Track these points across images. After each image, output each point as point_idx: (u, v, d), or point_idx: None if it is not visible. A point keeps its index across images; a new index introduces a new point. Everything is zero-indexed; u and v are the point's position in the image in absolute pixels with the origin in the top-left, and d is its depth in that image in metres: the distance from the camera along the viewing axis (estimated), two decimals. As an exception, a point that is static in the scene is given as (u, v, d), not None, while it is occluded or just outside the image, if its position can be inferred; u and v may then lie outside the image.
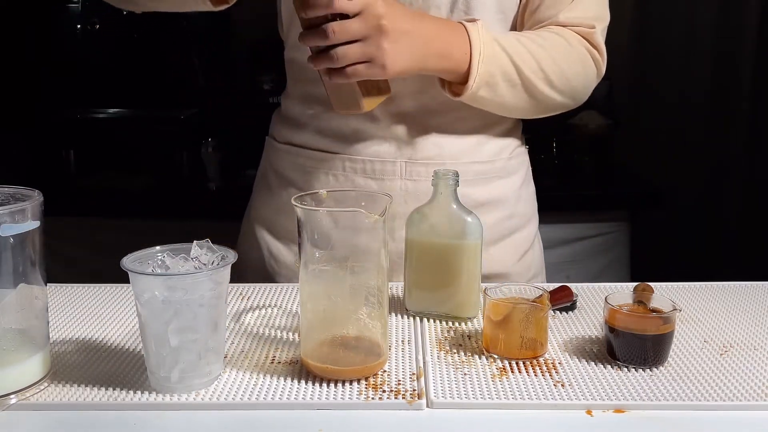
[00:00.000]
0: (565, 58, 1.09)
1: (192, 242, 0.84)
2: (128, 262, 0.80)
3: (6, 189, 0.80)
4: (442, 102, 1.10)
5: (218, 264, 0.81)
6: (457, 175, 0.97)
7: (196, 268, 0.81)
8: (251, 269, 1.22)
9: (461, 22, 1.04)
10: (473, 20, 1.05)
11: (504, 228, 1.19)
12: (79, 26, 2.71)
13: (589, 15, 1.12)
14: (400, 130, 1.11)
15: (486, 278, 1.13)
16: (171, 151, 2.60)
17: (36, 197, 0.79)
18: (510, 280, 1.18)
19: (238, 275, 1.18)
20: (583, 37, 1.12)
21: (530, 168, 1.27)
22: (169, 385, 0.80)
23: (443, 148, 1.12)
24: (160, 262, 0.83)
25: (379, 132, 1.11)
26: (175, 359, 0.79)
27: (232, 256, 0.82)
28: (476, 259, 0.98)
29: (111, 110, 2.72)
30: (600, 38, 1.13)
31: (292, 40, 1.14)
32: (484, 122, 1.15)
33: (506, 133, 1.19)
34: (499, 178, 1.18)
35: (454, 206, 0.97)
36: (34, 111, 2.68)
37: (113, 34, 2.71)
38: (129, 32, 2.70)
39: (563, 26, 1.11)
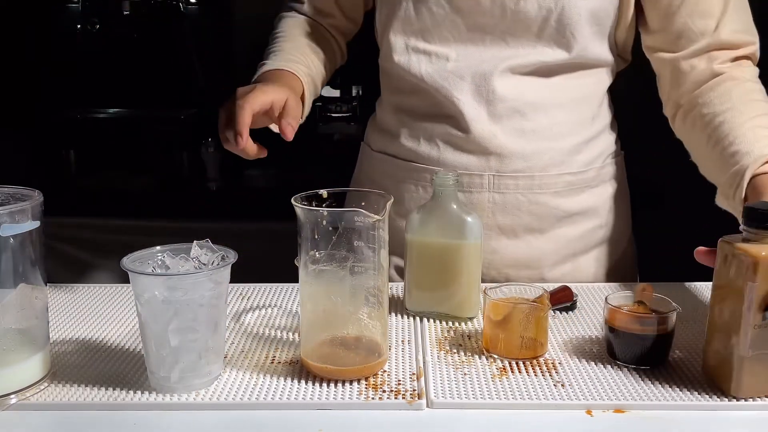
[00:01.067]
0: None
1: (192, 242, 0.84)
2: (128, 262, 0.80)
3: (6, 189, 0.80)
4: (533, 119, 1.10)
5: (218, 264, 0.81)
6: (457, 175, 0.97)
7: (196, 268, 0.81)
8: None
9: None
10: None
11: (593, 236, 1.18)
12: (79, 26, 2.71)
13: (746, 22, 1.06)
14: (490, 143, 1.10)
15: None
16: (171, 151, 2.60)
17: (36, 197, 0.79)
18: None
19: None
20: (751, 58, 1.07)
21: (625, 174, 1.25)
22: (169, 385, 0.80)
23: (531, 161, 1.11)
24: (160, 262, 0.83)
25: (467, 145, 1.11)
26: (175, 359, 0.79)
27: (232, 256, 0.82)
28: (476, 259, 0.98)
29: (111, 110, 2.72)
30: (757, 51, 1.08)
31: (386, 48, 1.14)
32: (576, 130, 1.13)
33: (600, 141, 1.17)
34: (590, 184, 1.16)
35: (454, 206, 0.97)
36: (34, 111, 2.68)
37: (113, 34, 2.71)
38: (129, 32, 2.70)
39: (729, 49, 1.05)
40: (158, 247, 0.84)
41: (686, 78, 1.08)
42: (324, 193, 0.87)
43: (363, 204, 0.85)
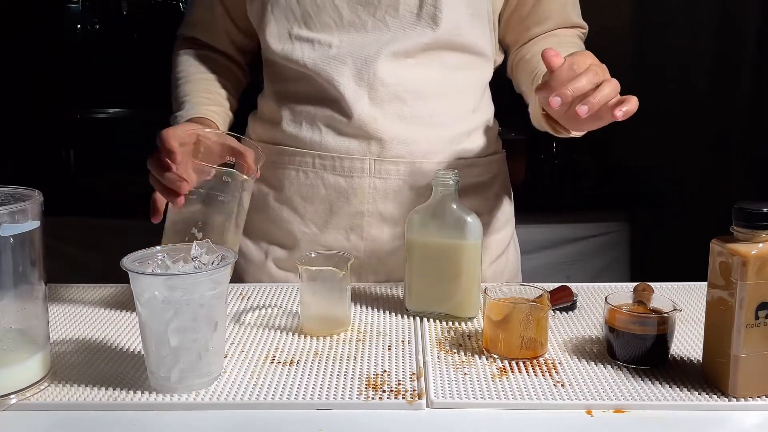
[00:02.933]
0: None
1: (192, 242, 0.84)
2: (128, 262, 0.80)
3: (6, 189, 0.80)
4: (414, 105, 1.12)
5: (218, 264, 0.81)
6: (457, 175, 0.97)
7: (196, 269, 0.81)
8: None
9: None
10: None
11: None
12: (79, 26, 2.70)
13: (576, 11, 1.23)
14: (371, 127, 1.11)
15: None
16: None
17: (36, 197, 0.79)
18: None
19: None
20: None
21: (507, 172, 1.27)
22: (169, 385, 0.80)
23: (412, 147, 1.12)
24: (160, 262, 0.83)
25: (349, 129, 1.11)
26: (175, 359, 0.79)
27: (232, 256, 0.82)
28: (476, 259, 0.98)
29: (111, 110, 2.72)
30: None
31: (264, 43, 1.15)
32: (457, 120, 1.15)
33: (481, 134, 1.19)
34: (471, 180, 1.17)
35: (454, 206, 0.97)
36: (34, 111, 2.67)
37: (113, 34, 2.71)
38: (129, 32, 2.70)
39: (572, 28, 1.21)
40: (158, 247, 0.85)
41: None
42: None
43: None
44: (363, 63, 1.09)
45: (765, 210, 0.77)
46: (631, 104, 0.91)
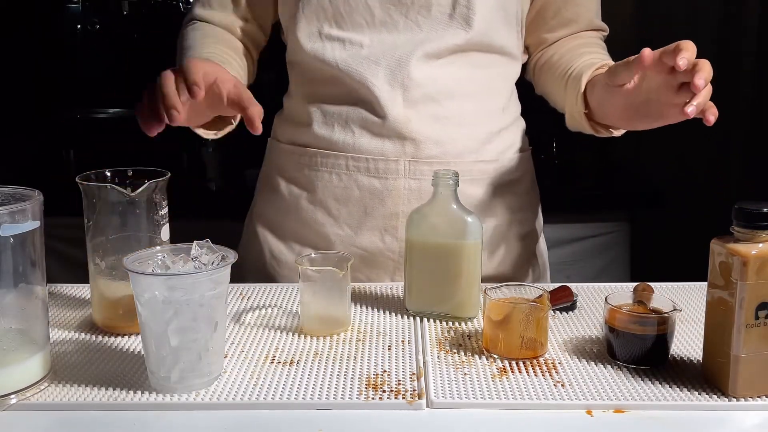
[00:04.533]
0: None
1: (192, 242, 0.84)
2: (129, 262, 0.80)
3: (6, 189, 0.80)
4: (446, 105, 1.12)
5: (218, 264, 0.81)
6: (457, 175, 0.97)
7: (196, 269, 0.81)
8: (252, 270, 1.22)
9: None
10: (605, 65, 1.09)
11: (507, 230, 1.19)
12: (79, 26, 2.70)
13: (597, 15, 1.23)
14: (405, 128, 1.11)
15: (488, 280, 1.13)
16: (171, 151, 2.60)
17: (36, 197, 0.79)
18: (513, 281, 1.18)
19: (240, 275, 1.18)
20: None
21: (534, 169, 1.27)
22: (169, 385, 0.80)
23: (446, 147, 1.12)
24: (160, 262, 0.83)
25: (383, 130, 1.11)
26: (175, 359, 0.79)
27: (232, 256, 0.82)
28: (476, 259, 0.98)
29: (111, 110, 2.72)
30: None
31: (296, 40, 1.14)
32: (488, 119, 1.16)
33: (511, 132, 1.20)
34: (503, 178, 1.17)
35: (454, 206, 0.97)
36: (34, 111, 2.67)
37: (113, 34, 2.71)
38: (129, 32, 2.70)
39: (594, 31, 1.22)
40: (158, 247, 0.85)
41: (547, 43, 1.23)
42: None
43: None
44: (396, 64, 1.09)
45: (765, 210, 0.77)
46: (702, 98, 0.93)
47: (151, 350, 0.80)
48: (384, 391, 0.81)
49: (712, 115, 0.92)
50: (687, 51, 0.89)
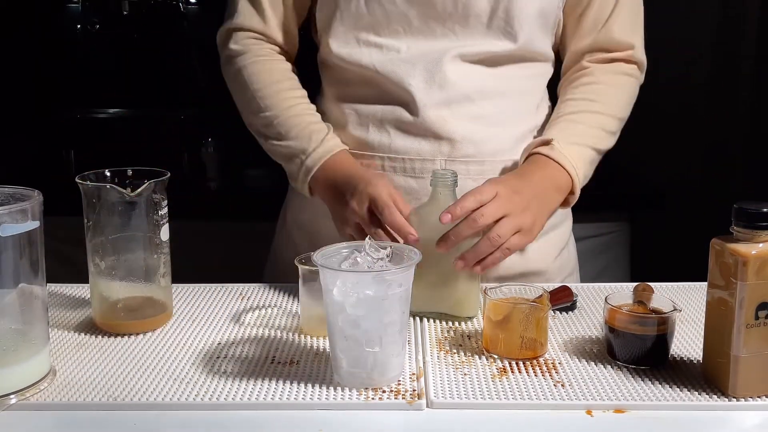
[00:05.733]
0: (622, 107, 1.18)
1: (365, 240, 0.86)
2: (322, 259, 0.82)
3: (6, 189, 0.80)
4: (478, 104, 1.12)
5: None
6: (455, 174, 0.97)
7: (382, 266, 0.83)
8: (289, 272, 1.22)
9: (543, 154, 1.07)
10: (548, 142, 1.08)
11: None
12: (79, 26, 2.70)
13: (628, 29, 1.17)
14: (441, 128, 1.10)
15: (524, 277, 1.13)
16: (171, 151, 2.60)
17: (36, 197, 0.79)
18: (547, 278, 1.17)
19: (273, 277, 1.19)
20: (625, 61, 1.18)
21: None
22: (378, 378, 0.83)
23: (481, 146, 1.12)
24: (351, 258, 0.84)
25: (418, 130, 1.11)
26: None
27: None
28: None
29: (111, 110, 2.72)
30: (642, 54, 1.19)
31: (326, 46, 1.14)
32: (523, 118, 1.16)
33: (543, 130, 1.18)
34: None
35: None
36: (34, 111, 2.67)
37: (113, 34, 2.71)
38: (129, 32, 2.70)
39: (611, 51, 1.17)
40: (344, 243, 0.87)
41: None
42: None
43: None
44: (433, 65, 1.09)
45: (765, 210, 0.77)
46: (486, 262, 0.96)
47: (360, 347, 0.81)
48: (384, 391, 0.81)
49: (459, 260, 0.97)
50: (456, 205, 0.94)
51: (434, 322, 0.99)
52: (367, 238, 0.86)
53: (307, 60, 1.23)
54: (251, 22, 1.17)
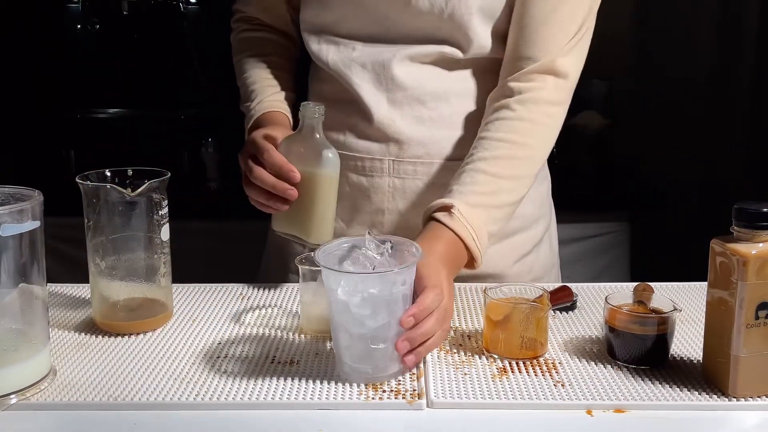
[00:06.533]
0: (539, 148, 1.08)
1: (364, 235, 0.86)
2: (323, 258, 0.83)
3: (6, 189, 0.80)
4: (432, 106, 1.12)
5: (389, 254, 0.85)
6: (323, 108, 1.00)
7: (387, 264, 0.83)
8: (282, 268, 1.23)
9: (442, 222, 0.98)
10: (448, 207, 0.98)
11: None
12: (79, 26, 2.71)
13: (560, 42, 1.06)
14: (389, 129, 1.12)
15: (480, 278, 1.13)
16: (171, 151, 2.60)
17: (36, 197, 0.79)
18: (505, 281, 1.16)
19: (274, 276, 1.20)
20: (549, 73, 1.06)
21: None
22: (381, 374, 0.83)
23: (430, 148, 1.13)
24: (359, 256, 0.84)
25: (369, 131, 1.13)
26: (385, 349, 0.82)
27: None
28: (331, 190, 1.02)
29: (111, 110, 2.72)
30: (567, 67, 1.07)
31: (305, 38, 1.17)
32: (477, 120, 1.14)
33: None
34: None
35: (317, 136, 1.01)
36: (34, 111, 2.67)
37: (113, 34, 2.71)
38: (129, 32, 2.70)
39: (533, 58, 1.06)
40: (344, 239, 0.87)
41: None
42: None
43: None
44: (381, 67, 1.11)
45: (765, 210, 0.77)
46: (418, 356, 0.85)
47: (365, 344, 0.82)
48: (384, 391, 0.81)
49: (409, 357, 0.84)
50: (411, 309, 0.83)
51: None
52: (366, 233, 0.86)
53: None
54: (238, 5, 1.28)
